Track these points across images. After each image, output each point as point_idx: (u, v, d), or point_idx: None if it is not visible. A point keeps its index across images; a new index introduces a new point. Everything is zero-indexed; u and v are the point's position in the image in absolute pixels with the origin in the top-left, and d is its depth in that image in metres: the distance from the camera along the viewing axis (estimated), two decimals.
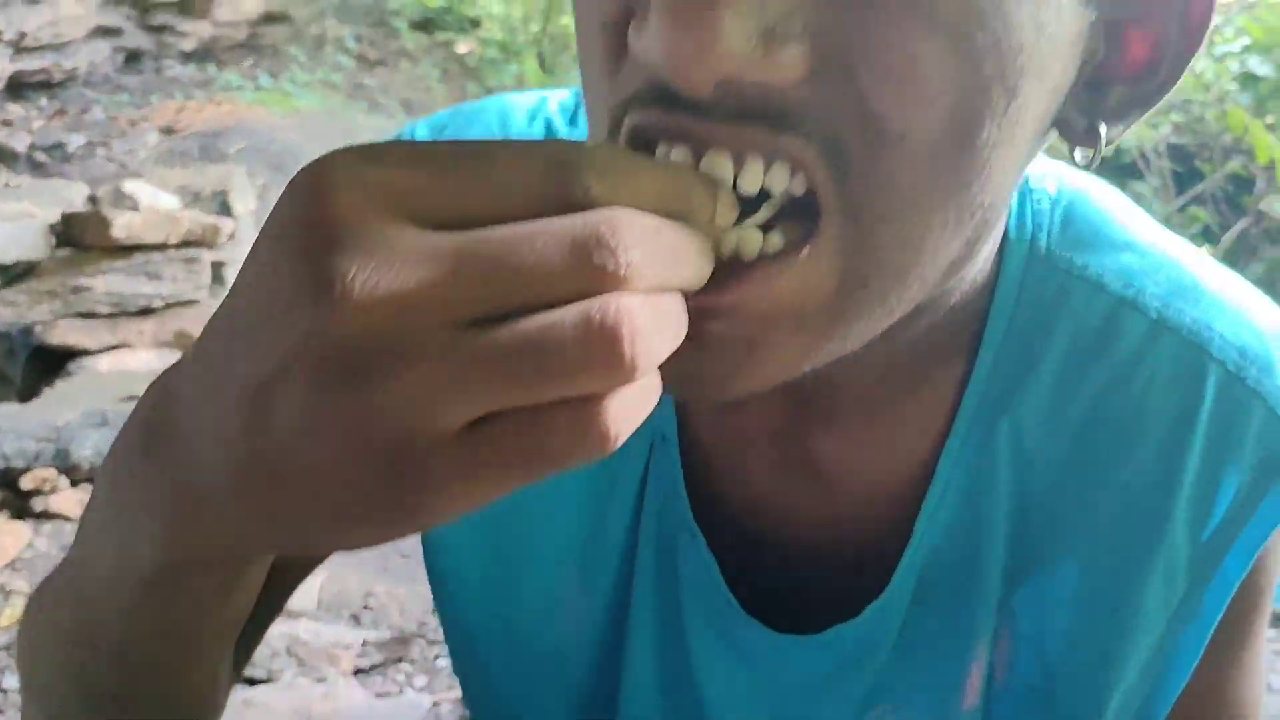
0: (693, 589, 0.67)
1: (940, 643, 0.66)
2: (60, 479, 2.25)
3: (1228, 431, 0.61)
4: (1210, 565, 0.62)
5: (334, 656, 1.79)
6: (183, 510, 0.36)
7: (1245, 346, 0.61)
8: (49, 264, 2.62)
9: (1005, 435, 0.62)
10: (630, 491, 0.68)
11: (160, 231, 2.65)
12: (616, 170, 0.33)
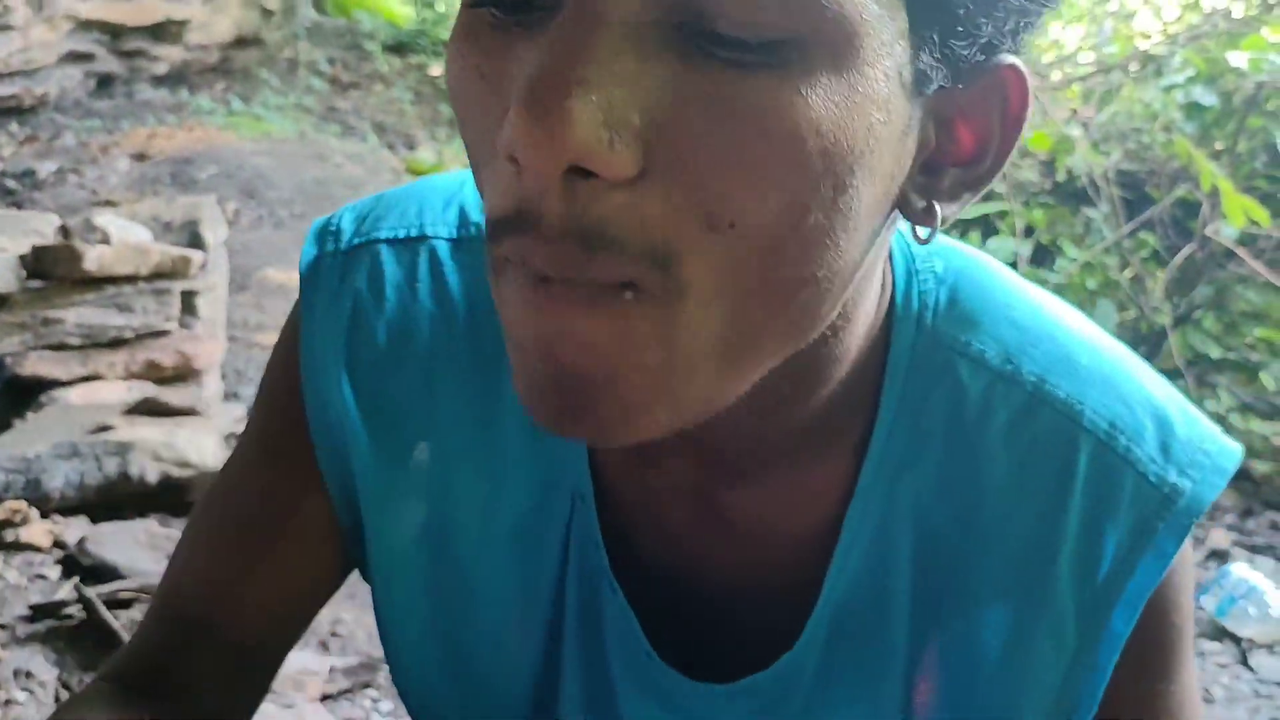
0: (615, 637, 0.69)
1: (852, 690, 0.68)
2: (31, 510, 2.22)
3: (1103, 497, 0.63)
4: (1098, 621, 0.64)
5: (301, 683, 1.81)
6: None
7: (1115, 417, 0.64)
8: (19, 296, 2.58)
9: (905, 496, 0.65)
10: (555, 543, 0.69)
11: (131, 264, 2.64)
12: None
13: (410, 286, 0.69)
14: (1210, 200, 3.08)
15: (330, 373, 0.69)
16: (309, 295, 0.70)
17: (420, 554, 0.71)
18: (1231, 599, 2.32)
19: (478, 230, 0.69)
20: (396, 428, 0.69)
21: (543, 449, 0.68)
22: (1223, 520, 3.11)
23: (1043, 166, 3.48)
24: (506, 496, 0.69)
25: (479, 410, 0.68)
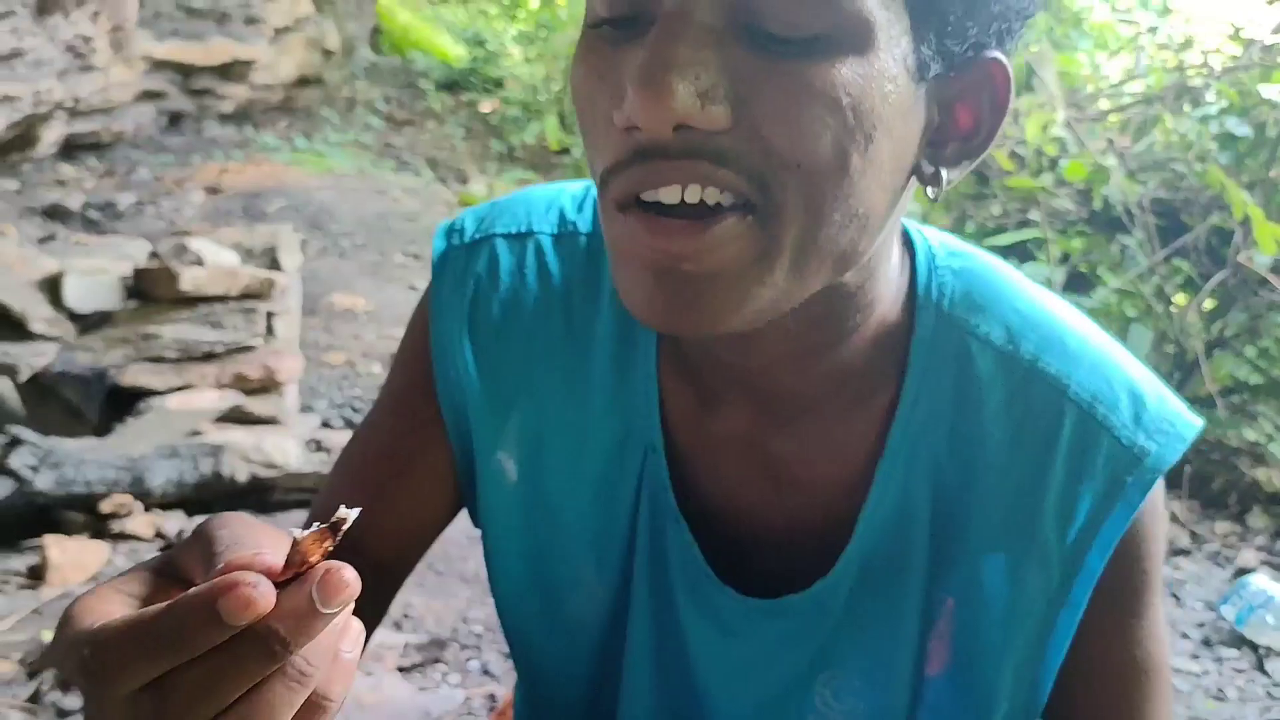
0: (679, 565, 0.81)
1: (875, 622, 0.80)
2: (135, 504, 2.41)
3: (1082, 456, 0.75)
4: (1076, 561, 0.76)
5: (380, 656, 1.98)
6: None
7: (1096, 391, 0.75)
8: (122, 314, 2.78)
9: (924, 455, 0.76)
10: (629, 491, 0.82)
11: (222, 285, 2.83)
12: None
13: (519, 272, 0.84)
14: (1243, 228, 3.16)
15: (455, 340, 0.84)
16: (439, 278, 0.85)
17: (518, 496, 0.85)
18: (1250, 608, 2.40)
19: (574, 228, 0.85)
20: (505, 386, 0.83)
21: (621, 408, 0.81)
22: (1253, 541, 3.18)
23: (1079, 195, 3.58)
24: (590, 448, 0.82)
25: (570, 375, 0.82)
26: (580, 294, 0.83)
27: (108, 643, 0.44)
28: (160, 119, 6.59)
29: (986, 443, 0.76)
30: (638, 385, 0.81)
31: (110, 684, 0.44)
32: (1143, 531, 0.77)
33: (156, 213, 5.25)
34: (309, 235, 5.24)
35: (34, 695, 1.90)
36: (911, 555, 0.78)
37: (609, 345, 0.82)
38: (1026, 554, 0.76)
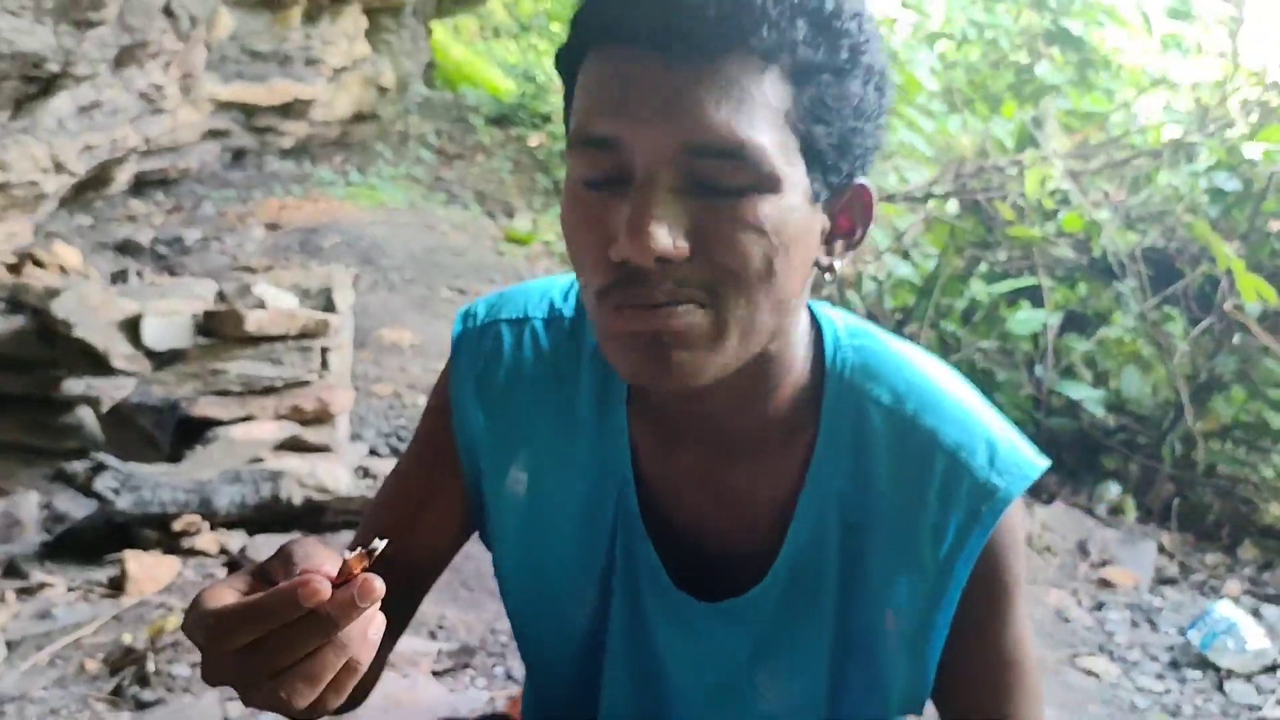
0: (646, 576, 1.00)
1: (799, 622, 0.99)
2: (203, 523, 2.65)
3: (949, 491, 0.95)
4: (947, 573, 0.96)
5: (416, 661, 2.24)
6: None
7: (960, 440, 0.96)
8: (192, 351, 3.05)
9: (833, 490, 0.98)
10: (608, 516, 1.01)
11: (282, 326, 3.11)
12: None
13: (518, 349, 1.06)
14: (1229, 278, 3.35)
15: (469, 403, 1.06)
16: (456, 354, 1.08)
17: (519, 522, 1.06)
18: (1214, 634, 2.59)
19: (560, 314, 1.07)
20: (508, 437, 1.05)
21: (599, 451, 1.01)
22: (1241, 572, 3.36)
23: (1079, 244, 3.79)
24: (576, 482, 1.02)
25: (559, 425, 1.04)
26: (566, 364, 1.05)
27: (224, 615, 0.69)
28: (224, 155, 6.90)
29: (878, 480, 0.97)
30: (612, 432, 1.02)
31: (224, 643, 0.69)
32: (999, 549, 0.97)
33: (220, 248, 5.53)
34: (361, 269, 5.48)
35: (116, 689, 2.18)
36: (826, 567, 0.98)
37: (589, 402, 1.04)
38: (909, 567, 0.97)
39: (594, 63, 0.83)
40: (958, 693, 1.01)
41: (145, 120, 5.32)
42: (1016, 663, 1.01)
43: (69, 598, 2.51)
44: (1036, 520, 3.36)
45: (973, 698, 1.01)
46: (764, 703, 1.03)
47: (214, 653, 0.69)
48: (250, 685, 0.69)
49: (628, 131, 0.80)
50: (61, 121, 4.06)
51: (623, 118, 0.80)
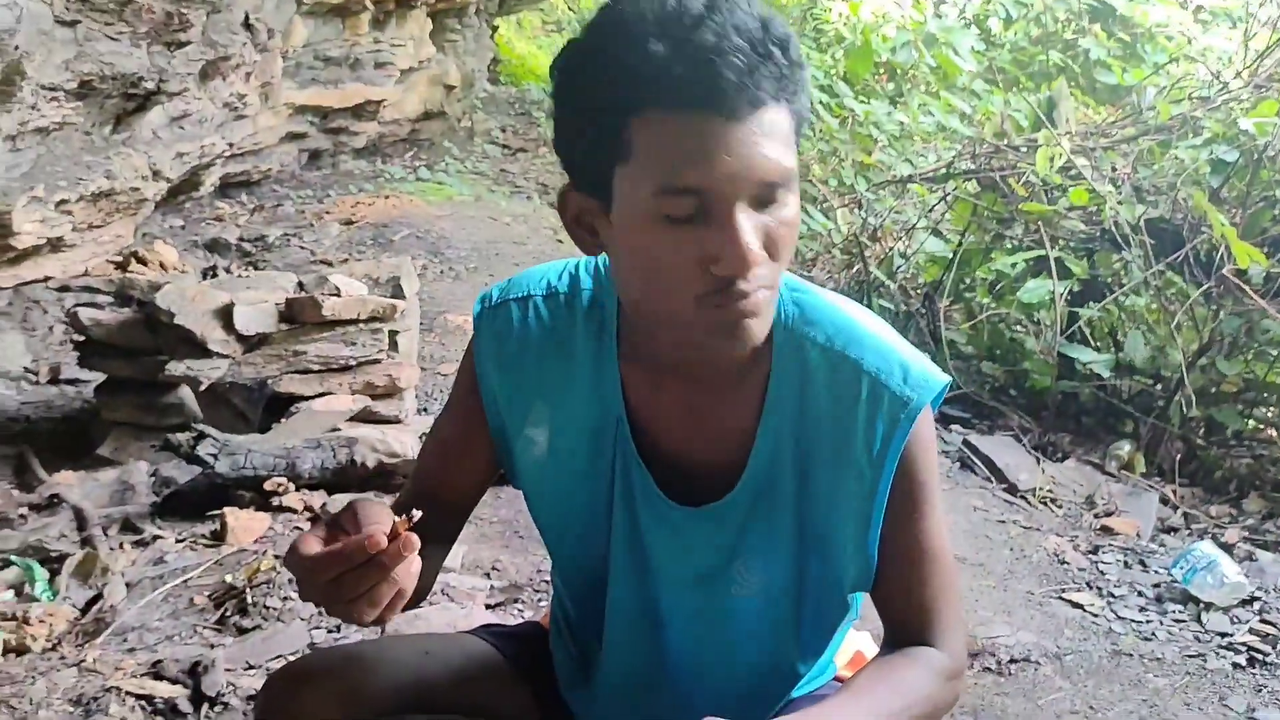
0: (640, 491, 1.24)
1: (765, 521, 1.22)
2: (289, 485, 3.01)
3: (875, 407, 1.17)
4: (879, 469, 1.18)
5: (473, 595, 2.60)
6: None
7: (880, 366, 1.18)
8: (277, 335, 3.40)
9: (786, 414, 1.19)
10: (609, 448, 1.24)
11: (355, 310, 3.45)
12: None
13: (524, 322, 1.28)
14: (1227, 245, 3.57)
15: (490, 371, 1.28)
16: (477, 331, 1.29)
17: (539, 460, 1.29)
18: (1195, 569, 2.84)
19: (555, 289, 1.28)
20: (522, 394, 1.27)
21: (598, 396, 1.24)
22: (1244, 522, 3.58)
23: (1090, 218, 4.02)
24: (581, 422, 1.26)
25: (563, 380, 1.28)
26: (564, 330, 1.27)
27: (316, 559, 1.01)
28: (301, 156, 7.25)
29: (819, 405, 1.20)
30: (607, 380, 1.25)
31: (315, 577, 1.00)
32: (914, 451, 1.20)
33: (300, 244, 5.88)
34: (429, 260, 5.80)
35: (220, 619, 2.57)
36: (782, 477, 1.22)
37: (585, 358, 1.26)
38: (849, 472, 1.19)
39: (656, 126, 1.02)
40: (884, 577, 1.23)
41: (229, 127, 5.68)
42: (932, 551, 1.24)
43: (177, 548, 2.87)
44: (1046, 475, 3.62)
45: (896, 580, 1.23)
46: (740, 590, 1.26)
47: (307, 583, 1.03)
48: (332, 604, 1.02)
49: (715, 180, 1.01)
50: (156, 133, 4.48)
51: (709, 169, 1.01)
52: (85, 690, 2.11)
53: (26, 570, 2.59)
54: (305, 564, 1.02)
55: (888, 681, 1.20)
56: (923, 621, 1.25)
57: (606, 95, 1.03)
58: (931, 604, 1.25)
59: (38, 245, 3.51)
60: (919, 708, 1.19)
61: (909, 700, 1.18)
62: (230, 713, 2.07)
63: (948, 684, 1.24)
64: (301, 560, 1.02)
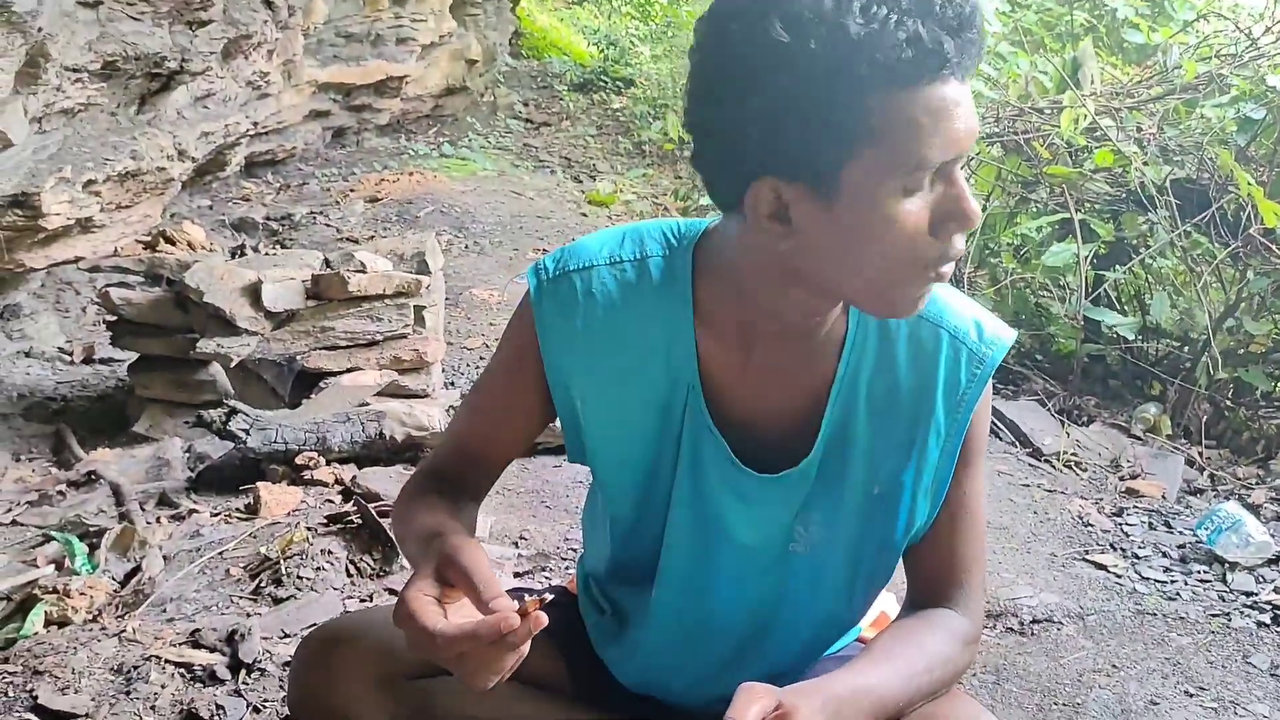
0: (711, 455, 1.22)
1: (835, 483, 1.22)
2: (319, 459, 3.05)
3: (955, 363, 1.20)
4: (957, 424, 1.21)
5: (501, 564, 2.64)
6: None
7: (957, 325, 1.20)
8: (305, 312, 3.44)
9: (862, 376, 1.19)
10: (678, 413, 1.23)
11: (380, 286, 3.49)
12: None
13: (590, 294, 1.24)
14: (1254, 204, 3.54)
15: (558, 346, 1.26)
16: (539, 303, 1.25)
17: (609, 429, 1.27)
18: (1220, 530, 2.84)
19: (620, 258, 1.25)
20: (589, 364, 1.25)
21: (670, 363, 1.23)
22: (1271, 483, 3.57)
23: (1116, 180, 3.99)
24: (651, 389, 1.24)
25: (632, 347, 1.24)
26: (634, 299, 1.24)
27: (447, 639, 1.02)
28: (325, 134, 7.33)
29: (898, 362, 1.21)
30: (681, 346, 1.23)
31: (441, 653, 1.02)
32: (982, 407, 1.24)
33: (326, 222, 5.96)
34: (454, 235, 5.88)
35: (255, 589, 2.62)
36: (856, 437, 1.22)
37: (658, 325, 1.24)
38: (926, 427, 1.22)
39: (899, 100, 0.97)
40: (929, 530, 1.27)
41: (253, 106, 5.71)
42: (974, 511, 1.28)
43: (212, 521, 2.93)
44: (1071, 439, 3.62)
45: (939, 535, 1.27)
46: (797, 547, 1.27)
47: (424, 648, 1.05)
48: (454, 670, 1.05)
49: (965, 142, 1.01)
50: (180, 112, 4.52)
51: (959, 134, 1.00)
52: (126, 659, 2.16)
53: (66, 545, 2.65)
54: (431, 640, 1.03)
55: (912, 644, 1.22)
56: (952, 580, 1.28)
57: (832, 77, 0.96)
58: (964, 563, 1.28)
59: (67, 226, 3.57)
60: (940, 670, 1.22)
61: (931, 663, 1.21)
62: (267, 678, 2.11)
63: (966, 648, 1.26)
64: (423, 633, 1.04)
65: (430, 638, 1.03)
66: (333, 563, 2.60)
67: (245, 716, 1.99)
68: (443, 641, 1.02)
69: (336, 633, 1.36)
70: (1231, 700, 2.18)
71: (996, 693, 2.16)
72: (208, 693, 2.06)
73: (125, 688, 2.07)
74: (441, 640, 1.02)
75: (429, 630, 1.03)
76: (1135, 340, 3.92)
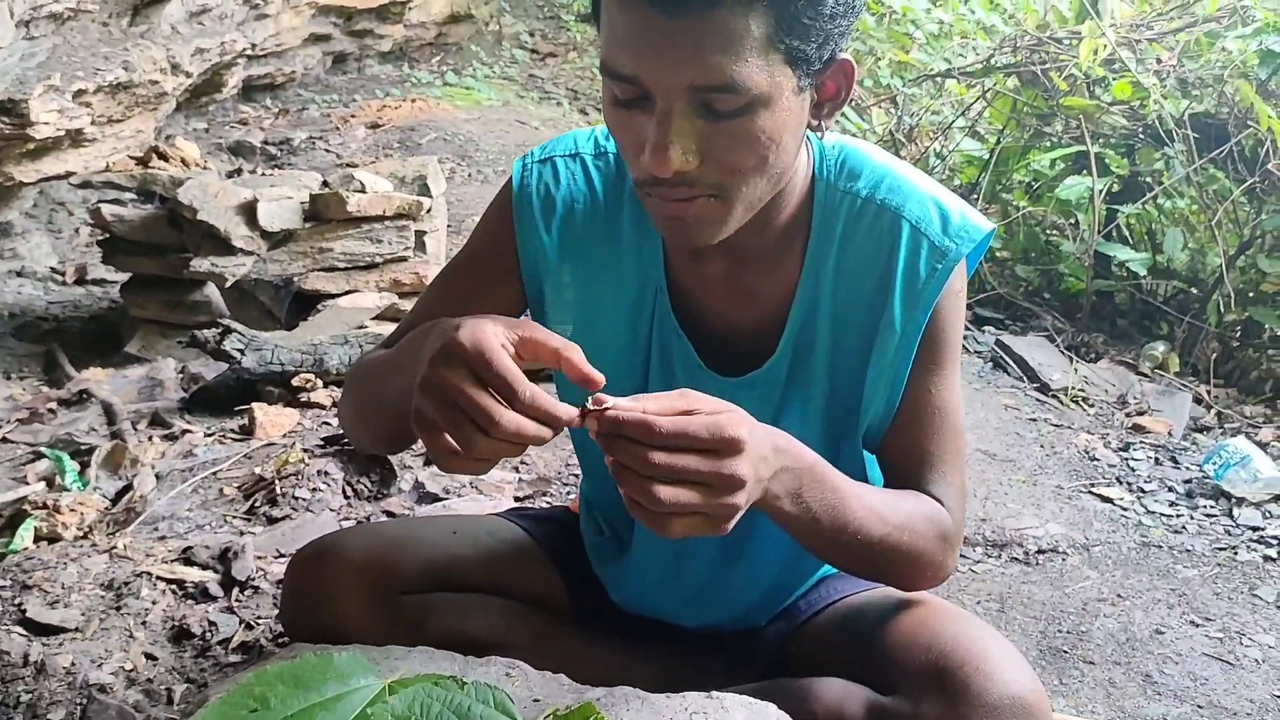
0: (679, 360, 1.24)
1: (803, 384, 1.23)
2: (317, 380, 3.01)
3: (914, 254, 1.17)
4: (911, 320, 1.17)
5: (502, 488, 2.61)
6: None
7: (920, 214, 1.18)
8: (302, 232, 3.39)
9: (825, 277, 1.20)
10: (647, 315, 1.25)
11: (380, 207, 3.42)
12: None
13: (573, 180, 1.27)
14: (1273, 139, 3.46)
15: (534, 225, 1.26)
16: (520, 186, 1.28)
17: (576, 321, 1.29)
18: (1228, 465, 2.81)
19: (605, 149, 1.28)
20: (566, 252, 1.26)
21: (640, 263, 1.25)
22: (1277, 421, 3.52)
23: (1133, 114, 3.90)
24: (622, 287, 1.26)
25: (607, 245, 1.27)
26: (612, 194, 1.27)
27: (514, 378, 0.93)
28: (325, 60, 7.15)
29: (859, 259, 1.20)
30: (650, 249, 1.25)
31: (480, 397, 0.92)
32: (945, 303, 1.19)
33: (325, 147, 5.86)
34: (457, 164, 5.78)
35: (249, 509, 2.59)
36: (819, 340, 1.22)
37: (631, 225, 1.26)
38: (884, 324, 1.19)
39: (612, 5, 1.00)
40: (895, 428, 1.23)
41: (250, 26, 5.61)
42: (943, 408, 1.23)
43: (206, 442, 2.89)
44: (1079, 375, 3.57)
45: (902, 429, 1.23)
46: None
47: (453, 387, 0.92)
48: (456, 426, 0.92)
49: (644, 73, 0.99)
50: (175, 27, 4.41)
51: (639, 62, 0.98)
52: (116, 575, 2.13)
53: (57, 461, 2.62)
54: (512, 388, 0.92)
55: (894, 494, 1.20)
56: (922, 474, 1.22)
57: None
58: (934, 459, 1.22)
59: (57, 138, 3.49)
60: (909, 536, 1.17)
61: (909, 513, 1.17)
62: (260, 596, 2.09)
63: (942, 543, 1.21)
64: (504, 377, 0.92)
65: (514, 388, 0.91)
66: (329, 484, 2.56)
67: (238, 633, 1.96)
68: (533, 401, 0.91)
69: (328, 548, 1.33)
70: (1238, 630, 2.15)
71: (1001, 620, 2.13)
72: (199, 609, 2.03)
73: (115, 603, 2.04)
74: (533, 399, 0.91)
75: (514, 378, 0.92)
76: (1145, 277, 3.85)
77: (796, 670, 1.29)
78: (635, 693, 1.14)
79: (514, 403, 0.91)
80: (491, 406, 0.91)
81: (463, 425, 0.92)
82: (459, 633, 1.30)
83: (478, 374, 0.92)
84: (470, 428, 0.92)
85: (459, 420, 0.92)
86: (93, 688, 1.76)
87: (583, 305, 1.27)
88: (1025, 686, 1.09)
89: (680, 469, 0.93)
